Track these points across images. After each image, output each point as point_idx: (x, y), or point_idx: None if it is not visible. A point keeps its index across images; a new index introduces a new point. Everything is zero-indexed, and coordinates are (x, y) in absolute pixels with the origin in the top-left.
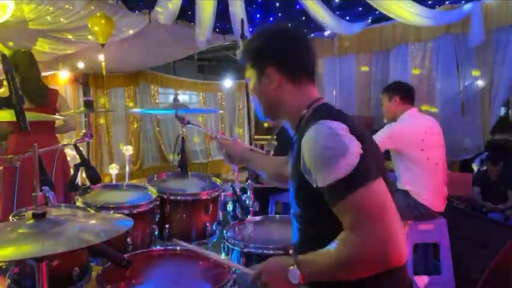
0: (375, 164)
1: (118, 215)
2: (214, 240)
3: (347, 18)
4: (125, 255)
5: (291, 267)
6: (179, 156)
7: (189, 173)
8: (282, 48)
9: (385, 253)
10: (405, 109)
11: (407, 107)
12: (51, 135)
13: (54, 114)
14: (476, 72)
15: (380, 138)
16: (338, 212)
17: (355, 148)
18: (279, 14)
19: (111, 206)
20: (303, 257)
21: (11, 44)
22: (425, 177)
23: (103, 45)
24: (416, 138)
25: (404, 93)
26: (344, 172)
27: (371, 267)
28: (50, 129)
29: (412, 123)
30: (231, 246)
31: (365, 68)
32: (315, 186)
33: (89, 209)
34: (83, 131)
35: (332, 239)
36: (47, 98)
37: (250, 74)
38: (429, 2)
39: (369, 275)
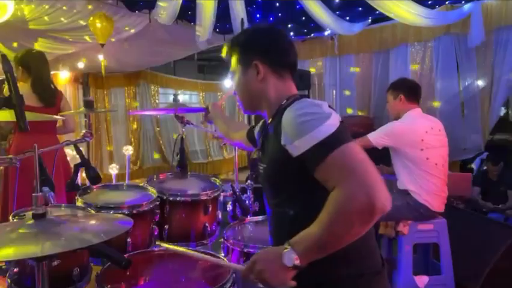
0: None
1: (118, 215)
2: (214, 240)
3: (347, 18)
4: (125, 255)
5: (285, 250)
6: (179, 156)
7: (189, 173)
8: (268, 43)
9: (372, 199)
10: (410, 108)
11: (412, 106)
12: (54, 135)
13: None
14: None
15: (378, 134)
16: (323, 174)
17: (335, 116)
18: (279, 14)
19: (111, 206)
20: (294, 238)
21: (15, 44)
22: (425, 178)
23: (102, 45)
24: (415, 137)
25: (410, 92)
26: (327, 132)
27: (360, 217)
28: (53, 130)
29: (413, 122)
30: (231, 246)
31: (355, 69)
32: (296, 154)
33: (89, 209)
34: (83, 131)
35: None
36: (56, 99)
37: (235, 67)
38: (429, 2)
39: (360, 229)
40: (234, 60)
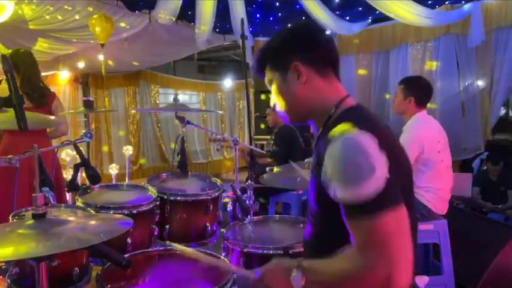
0: (400, 181)
1: (118, 215)
2: (214, 241)
3: (347, 18)
4: (125, 255)
5: (294, 273)
6: (179, 156)
7: (189, 173)
8: (306, 39)
9: (389, 280)
10: (417, 111)
11: (419, 110)
12: (44, 137)
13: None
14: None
15: (410, 147)
16: (350, 227)
17: (382, 171)
18: (279, 14)
19: (111, 206)
20: (307, 264)
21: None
22: (434, 180)
23: (102, 45)
24: (434, 139)
25: (422, 96)
26: (365, 195)
27: None
28: (43, 131)
29: (428, 125)
30: (231, 246)
31: (363, 71)
32: (332, 196)
33: (89, 209)
34: (83, 131)
35: (341, 245)
36: (47, 99)
37: (272, 76)
38: (429, 2)
39: None
40: (269, 68)
